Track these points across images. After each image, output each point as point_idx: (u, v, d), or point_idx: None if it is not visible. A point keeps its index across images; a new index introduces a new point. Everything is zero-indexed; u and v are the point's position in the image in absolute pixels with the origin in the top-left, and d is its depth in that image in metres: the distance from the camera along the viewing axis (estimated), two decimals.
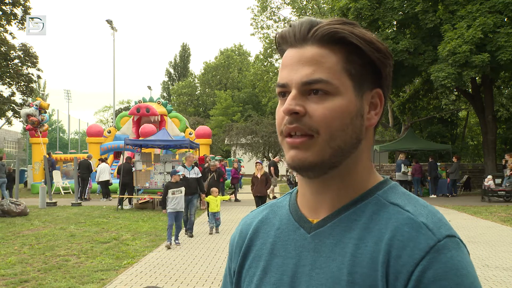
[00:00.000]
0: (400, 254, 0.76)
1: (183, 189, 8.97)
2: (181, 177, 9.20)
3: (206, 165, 14.09)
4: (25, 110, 21.88)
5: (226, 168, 21.13)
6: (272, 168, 18.27)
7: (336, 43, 0.84)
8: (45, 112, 22.58)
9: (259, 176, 11.78)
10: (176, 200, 8.83)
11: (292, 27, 0.87)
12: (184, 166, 10.35)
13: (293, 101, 0.83)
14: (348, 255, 0.81)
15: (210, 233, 10.28)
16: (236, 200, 18.18)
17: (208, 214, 10.69)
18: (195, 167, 10.53)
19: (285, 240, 0.90)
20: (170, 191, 8.84)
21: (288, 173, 23.23)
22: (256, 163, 12.22)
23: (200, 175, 10.54)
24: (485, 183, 17.12)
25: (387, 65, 0.87)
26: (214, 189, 10.68)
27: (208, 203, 10.45)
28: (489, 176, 17.33)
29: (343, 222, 0.85)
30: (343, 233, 0.84)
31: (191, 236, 9.96)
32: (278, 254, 0.90)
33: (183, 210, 9.06)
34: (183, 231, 10.12)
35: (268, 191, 18.20)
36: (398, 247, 0.77)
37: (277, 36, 0.90)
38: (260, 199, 11.70)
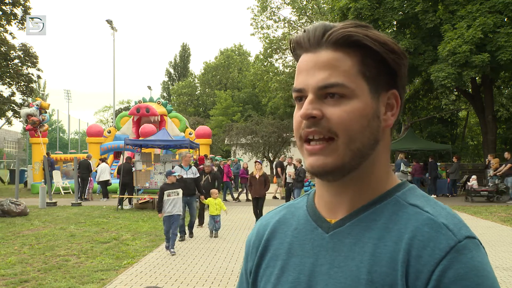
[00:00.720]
0: (421, 254, 0.77)
1: (180, 191, 8.49)
2: (178, 177, 8.87)
3: (200, 166, 13.67)
4: (25, 110, 21.89)
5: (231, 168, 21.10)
6: (279, 169, 18.01)
7: (350, 46, 0.84)
8: (46, 112, 22.60)
9: (257, 176, 11.23)
10: (172, 202, 8.33)
11: (306, 32, 0.88)
12: (181, 166, 10.01)
13: (310, 106, 0.84)
14: (368, 254, 0.82)
15: (211, 236, 10.01)
16: (248, 200, 18.17)
17: (199, 215, 10.45)
18: (193, 167, 10.16)
19: (302, 240, 0.91)
20: (165, 193, 8.35)
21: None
22: (256, 162, 11.66)
23: (198, 175, 10.18)
24: (469, 183, 17.20)
25: (402, 65, 0.88)
26: (214, 191, 10.25)
27: (204, 205, 10.19)
28: (474, 176, 17.44)
29: (363, 222, 0.85)
30: (363, 232, 0.84)
31: (191, 236, 9.86)
32: (295, 253, 0.91)
33: (180, 213, 8.55)
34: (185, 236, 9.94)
35: (275, 191, 18.08)
36: (418, 246, 0.78)
37: (291, 41, 0.91)
38: (258, 201, 11.20)
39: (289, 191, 15.16)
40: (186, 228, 9.92)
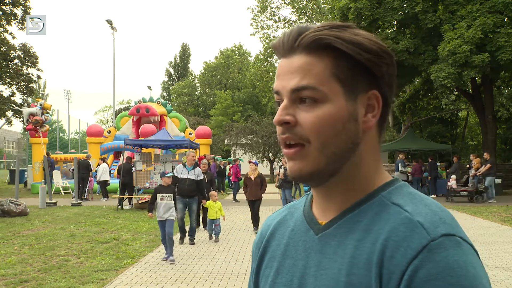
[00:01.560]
0: (394, 255, 0.75)
1: (172, 196, 7.89)
2: (174, 176, 8.34)
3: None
4: (28, 109, 21.92)
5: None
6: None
7: (322, 49, 0.84)
8: (48, 113, 22.64)
9: (252, 178, 10.55)
10: (166, 207, 7.70)
11: (281, 37, 0.87)
12: (184, 166, 9.46)
13: (283, 111, 0.84)
14: (348, 256, 0.81)
15: (210, 240, 9.61)
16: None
17: (202, 219, 10.07)
18: (197, 168, 9.47)
19: (296, 242, 0.92)
20: (158, 196, 7.79)
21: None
22: (250, 163, 10.96)
23: (201, 177, 9.38)
24: (448, 183, 17.24)
25: (382, 64, 0.85)
26: (213, 193, 9.72)
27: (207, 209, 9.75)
28: (453, 176, 17.50)
29: (347, 224, 0.85)
30: (346, 234, 0.84)
31: (193, 243, 9.22)
32: (290, 255, 0.91)
33: (173, 218, 7.83)
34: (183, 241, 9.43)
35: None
36: (392, 247, 0.76)
37: (271, 47, 0.91)
38: (253, 204, 10.60)
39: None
40: (188, 231, 9.46)
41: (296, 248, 0.91)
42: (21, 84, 26.54)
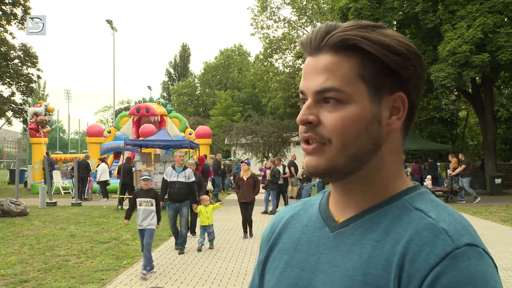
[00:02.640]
0: (415, 258, 0.76)
1: (153, 201, 7.02)
2: (148, 179, 7.20)
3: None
4: (33, 109, 21.96)
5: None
6: (292, 168, 17.57)
7: (349, 49, 0.83)
8: (50, 114, 22.75)
9: (245, 178, 9.94)
10: (143, 213, 6.94)
11: (309, 35, 0.87)
12: (174, 168, 8.70)
13: (307, 111, 0.84)
14: (365, 255, 0.81)
15: (199, 251, 8.44)
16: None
17: (191, 223, 9.29)
18: (187, 170, 8.70)
19: (310, 237, 0.92)
20: (138, 200, 7.04)
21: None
22: (242, 163, 10.48)
23: (192, 179, 8.65)
24: (424, 184, 17.28)
25: (408, 66, 0.84)
26: (205, 197, 8.94)
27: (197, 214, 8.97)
28: (429, 176, 17.52)
29: (366, 224, 0.85)
30: (364, 234, 0.84)
31: (182, 253, 8.27)
32: (301, 250, 0.91)
33: (154, 227, 6.98)
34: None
35: (289, 191, 17.79)
36: (414, 250, 0.76)
37: (298, 43, 0.91)
38: (246, 207, 9.91)
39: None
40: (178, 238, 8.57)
41: (309, 243, 0.91)
42: (21, 84, 26.52)
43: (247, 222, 9.98)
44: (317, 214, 0.95)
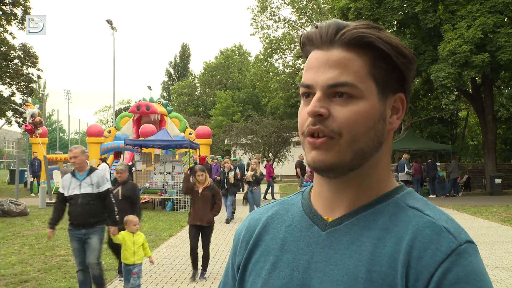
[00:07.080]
0: (422, 255, 0.78)
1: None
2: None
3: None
4: (31, 110, 22.06)
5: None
6: (298, 170, 17.12)
7: (362, 47, 0.84)
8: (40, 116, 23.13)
9: (200, 190, 6.56)
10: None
11: (319, 29, 0.87)
12: (74, 174, 5.35)
13: (318, 103, 0.84)
14: (366, 253, 0.82)
15: None
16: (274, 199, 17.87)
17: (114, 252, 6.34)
18: (96, 173, 5.41)
19: (297, 237, 0.91)
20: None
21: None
22: (192, 169, 7.65)
23: (105, 187, 5.37)
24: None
25: (411, 70, 0.88)
26: (131, 219, 5.43)
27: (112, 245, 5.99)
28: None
29: (361, 222, 0.86)
30: (361, 232, 0.85)
31: None
32: (289, 250, 0.90)
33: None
34: None
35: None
36: (419, 248, 0.79)
37: (302, 36, 0.90)
38: (200, 232, 6.49)
39: (246, 195, 13.53)
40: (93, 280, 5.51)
41: (297, 243, 0.90)
42: (21, 84, 26.50)
43: (196, 254, 6.54)
44: (301, 213, 0.93)
